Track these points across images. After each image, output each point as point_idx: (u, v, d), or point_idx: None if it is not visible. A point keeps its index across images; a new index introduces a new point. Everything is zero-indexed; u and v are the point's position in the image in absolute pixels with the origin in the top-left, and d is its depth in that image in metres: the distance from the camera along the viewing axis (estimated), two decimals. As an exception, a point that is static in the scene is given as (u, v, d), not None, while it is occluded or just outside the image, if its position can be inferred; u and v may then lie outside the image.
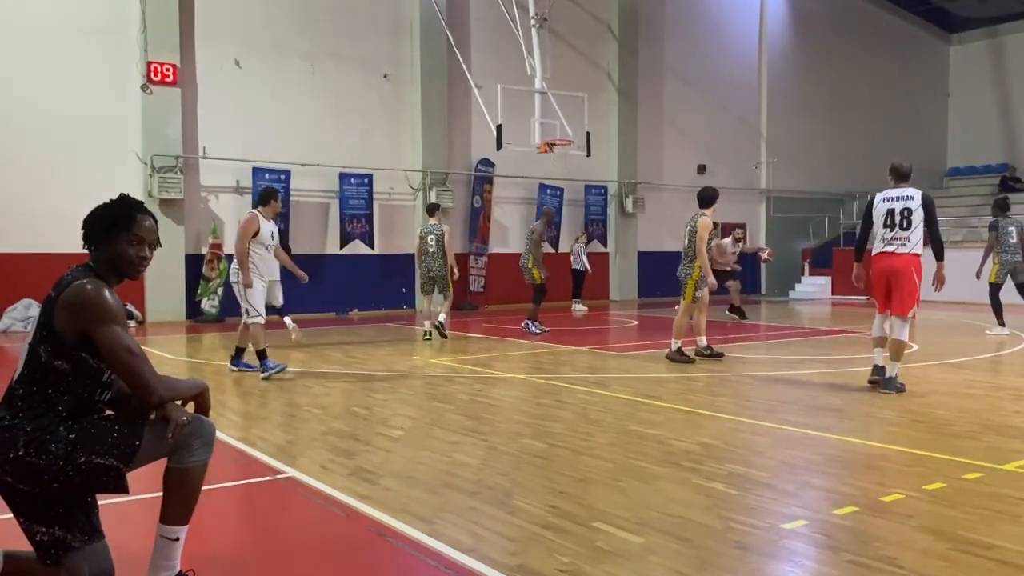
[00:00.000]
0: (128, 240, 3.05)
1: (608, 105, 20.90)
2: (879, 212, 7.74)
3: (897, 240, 7.56)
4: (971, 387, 8.04)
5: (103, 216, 3.07)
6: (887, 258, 7.57)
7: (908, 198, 7.61)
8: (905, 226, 7.53)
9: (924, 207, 7.57)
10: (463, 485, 4.71)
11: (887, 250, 7.60)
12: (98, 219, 3.07)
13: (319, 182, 17.06)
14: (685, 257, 9.97)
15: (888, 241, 7.59)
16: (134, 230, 3.06)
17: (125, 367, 2.86)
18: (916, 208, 7.55)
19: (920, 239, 7.58)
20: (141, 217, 3.10)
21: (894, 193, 7.70)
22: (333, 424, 6.47)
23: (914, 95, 27.51)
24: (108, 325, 2.85)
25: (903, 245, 7.54)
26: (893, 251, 7.55)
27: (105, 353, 2.86)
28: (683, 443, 5.70)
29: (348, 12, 17.41)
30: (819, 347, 11.58)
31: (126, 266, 3.07)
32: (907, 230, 7.53)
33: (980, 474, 4.86)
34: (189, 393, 3.12)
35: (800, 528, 4.00)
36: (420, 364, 9.92)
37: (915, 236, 7.54)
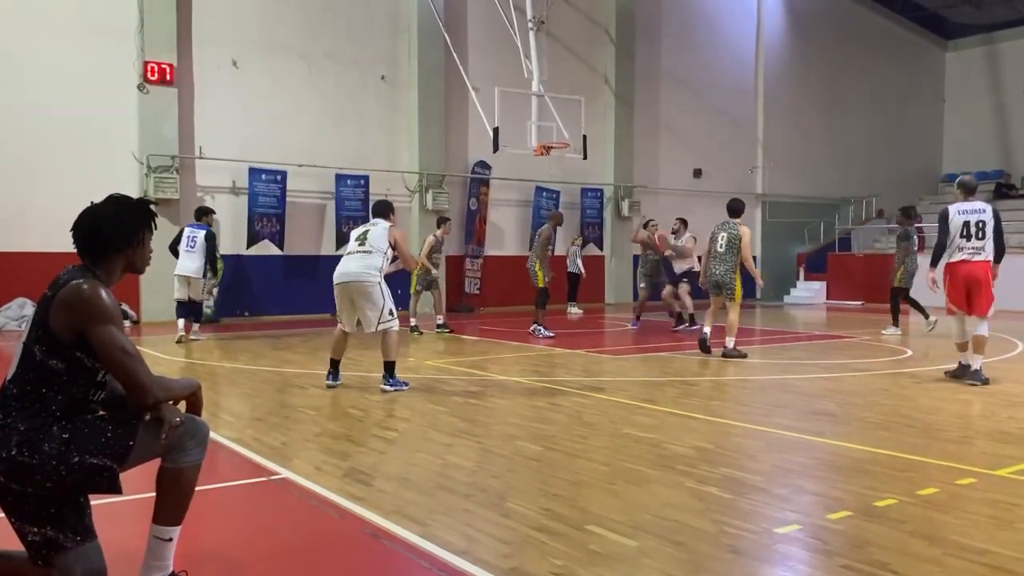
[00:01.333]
0: (149, 239, 3.10)
1: (605, 108, 20.93)
2: (955, 224, 8.47)
3: (975, 249, 8.39)
4: (963, 392, 8.06)
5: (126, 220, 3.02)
6: (966, 266, 8.36)
7: (981, 211, 8.41)
8: (980, 236, 8.36)
9: (994, 219, 8.41)
10: (457, 487, 4.71)
11: (966, 259, 8.39)
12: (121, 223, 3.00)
13: (315, 183, 17.05)
14: (724, 262, 10.62)
15: (967, 250, 8.40)
16: (153, 228, 3.09)
17: (120, 367, 2.86)
18: (988, 220, 8.38)
19: (992, 247, 8.40)
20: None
21: (968, 207, 8.46)
22: (327, 425, 6.47)
23: (910, 101, 27.59)
24: (104, 325, 2.84)
25: (979, 253, 8.37)
26: (972, 259, 8.37)
27: (101, 353, 2.86)
28: (677, 447, 5.71)
29: (345, 13, 17.41)
30: (814, 352, 11.59)
31: (145, 263, 3.12)
32: (982, 240, 8.36)
33: (973, 480, 4.88)
34: (183, 393, 3.12)
35: (794, 532, 4.00)
36: (415, 366, 9.92)
37: (988, 245, 8.41)
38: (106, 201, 3.09)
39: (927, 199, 26.88)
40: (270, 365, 9.89)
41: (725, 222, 10.84)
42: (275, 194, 16.35)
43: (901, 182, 26.42)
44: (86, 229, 3.01)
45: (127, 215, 3.05)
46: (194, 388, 3.16)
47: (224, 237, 16.08)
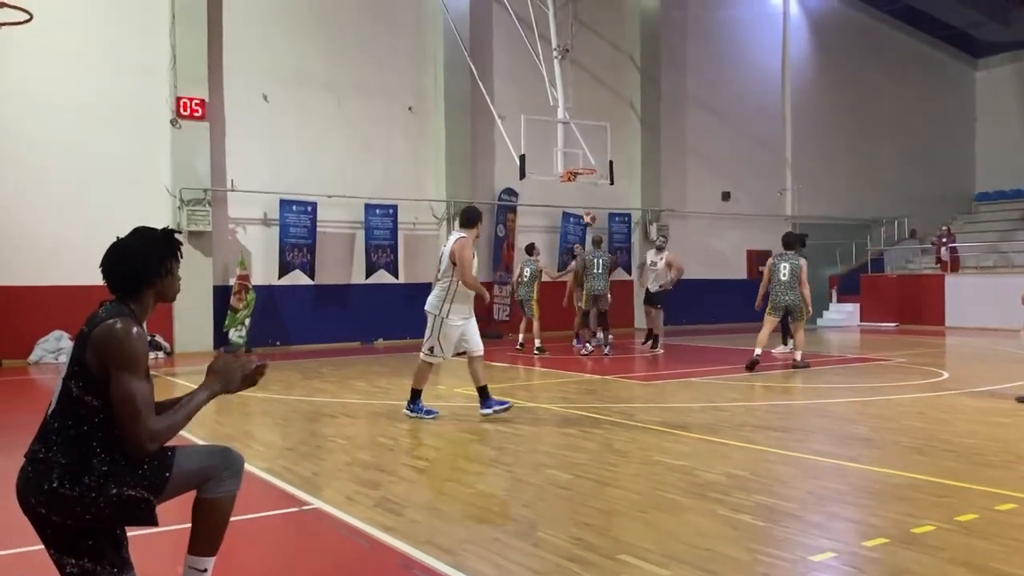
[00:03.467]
0: (177, 268, 3.14)
1: (631, 134, 20.97)
2: None
3: None
4: (1002, 415, 7.91)
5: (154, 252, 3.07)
6: None
7: None
8: None
9: None
10: (487, 517, 4.70)
11: None
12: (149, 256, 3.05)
13: (345, 213, 17.23)
14: (791, 289, 11.79)
15: None
16: (179, 257, 3.14)
17: (124, 416, 2.86)
18: None
19: None
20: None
21: None
22: (358, 455, 6.49)
23: (940, 120, 27.32)
24: (122, 371, 2.86)
25: None
26: None
27: (112, 396, 2.87)
28: (710, 474, 5.65)
29: (372, 45, 17.67)
30: (847, 375, 11.45)
31: (175, 292, 3.15)
32: None
33: (1014, 505, 4.77)
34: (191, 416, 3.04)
35: (829, 560, 3.94)
36: (445, 393, 9.93)
37: None
38: (131, 235, 3.13)
39: (960, 219, 26.55)
40: (301, 395, 9.96)
41: (782, 254, 12.08)
42: (306, 224, 16.54)
43: (933, 202, 26.12)
44: (115, 264, 3.05)
45: (154, 247, 3.09)
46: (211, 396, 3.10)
47: (256, 267, 16.31)
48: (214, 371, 3.11)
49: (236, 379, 3.13)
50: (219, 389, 3.11)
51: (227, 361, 3.14)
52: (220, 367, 3.11)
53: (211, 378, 3.10)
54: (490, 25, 19.08)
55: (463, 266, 7.89)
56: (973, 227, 25.87)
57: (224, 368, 3.12)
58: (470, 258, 7.99)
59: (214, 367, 3.12)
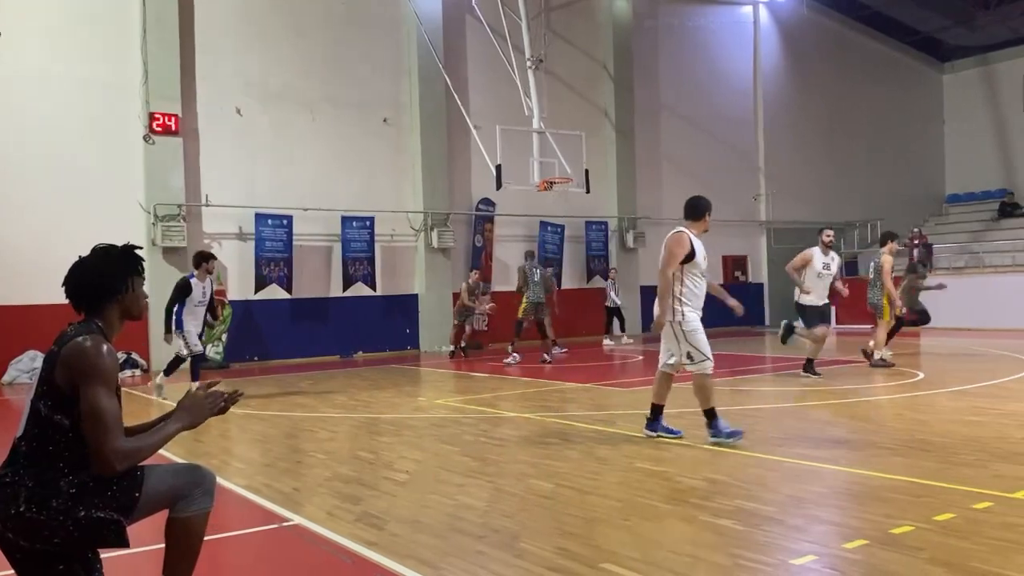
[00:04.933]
0: (141, 282, 3.13)
1: (606, 142, 21.08)
2: None
3: None
4: (977, 414, 8.00)
5: (113, 268, 3.06)
6: None
7: None
8: None
9: None
10: (470, 528, 4.68)
11: None
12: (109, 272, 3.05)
13: (321, 226, 17.17)
14: (872, 287, 12.71)
15: None
16: (141, 272, 3.12)
17: (93, 433, 2.83)
18: None
19: None
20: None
21: None
22: (339, 469, 6.45)
23: (910, 123, 27.70)
24: (94, 387, 2.83)
25: None
26: None
27: (82, 412, 2.84)
28: (690, 479, 5.67)
29: (346, 58, 17.65)
30: (824, 378, 11.53)
31: (141, 310, 3.14)
32: None
33: (990, 503, 4.82)
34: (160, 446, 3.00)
35: (810, 563, 3.96)
36: (425, 405, 9.90)
37: None
38: (92, 253, 3.12)
39: (932, 220, 26.89)
40: (280, 410, 9.89)
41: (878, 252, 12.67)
42: (282, 238, 16.46)
43: (905, 204, 26.44)
44: (76, 282, 3.05)
45: (114, 263, 3.08)
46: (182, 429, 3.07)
47: (232, 282, 16.21)
48: (183, 407, 3.12)
49: (204, 414, 3.14)
50: (188, 423, 3.10)
51: (196, 397, 3.14)
52: (188, 404, 3.12)
53: (180, 413, 3.10)
54: (463, 36, 19.13)
55: (665, 261, 7.31)
56: (944, 228, 26.22)
57: (192, 404, 3.13)
58: (679, 255, 7.31)
59: (183, 403, 3.14)
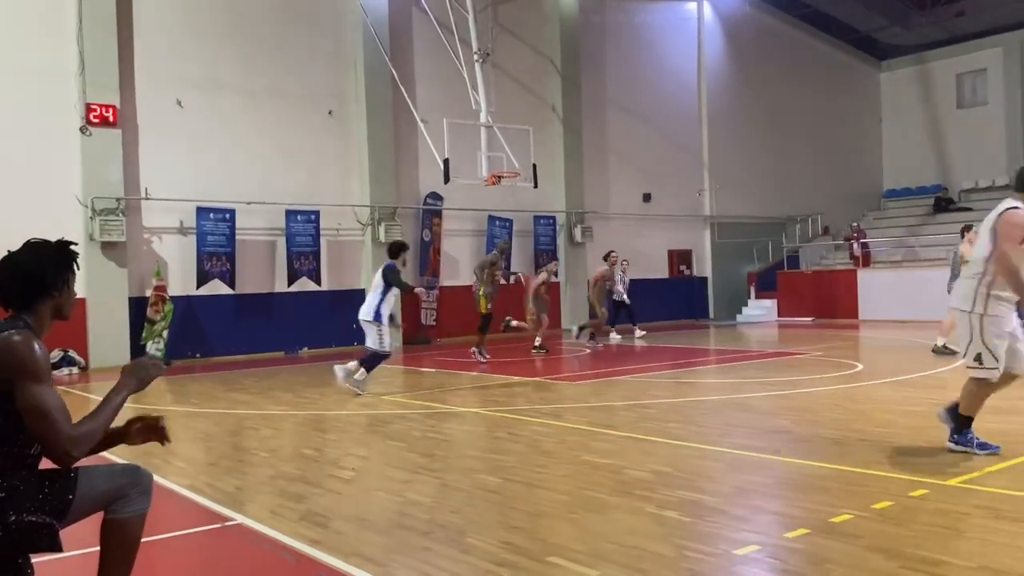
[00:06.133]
0: (73, 281, 3.02)
1: (553, 137, 21.13)
2: None
3: None
4: (914, 404, 8.22)
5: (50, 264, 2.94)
6: None
7: None
8: None
9: None
10: (416, 525, 4.65)
11: None
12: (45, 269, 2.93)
13: (265, 220, 16.90)
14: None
15: None
16: (76, 270, 3.01)
17: (42, 428, 2.74)
18: None
19: None
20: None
21: None
22: (282, 467, 6.36)
23: (849, 120, 28.34)
24: (30, 382, 2.74)
25: None
26: None
27: (23, 410, 2.75)
28: (636, 472, 5.71)
29: (290, 49, 17.38)
30: (767, 370, 11.73)
31: (71, 308, 3.03)
32: None
33: (925, 491, 4.95)
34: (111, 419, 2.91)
35: (753, 553, 4.02)
36: (372, 402, 9.82)
37: None
38: (25, 247, 2.99)
39: (870, 215, 27.57)
40: (223, 407, 9.71)
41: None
42: (224, 232, 16.16)
43: (845, 199, 27.07)
44: (9, 278, 2.91)
45: (49, 260, 2.96)
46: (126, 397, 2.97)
47: (173, 278, 15.86)
48: (127, 372, 3.01)
49: (150, 376, 3.04)
50: (135, 386, 3.00)
51: (140, 361, 3.07)
52: (132, 367, 3.03)
53: (125, 379, 2.99)
54: (410, 28, 18.99)
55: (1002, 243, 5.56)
56: (882, 223, 26.89)
57: (137, 366, 3.03)
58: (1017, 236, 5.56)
59: (127, 368, 3.04)
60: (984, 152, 26.62)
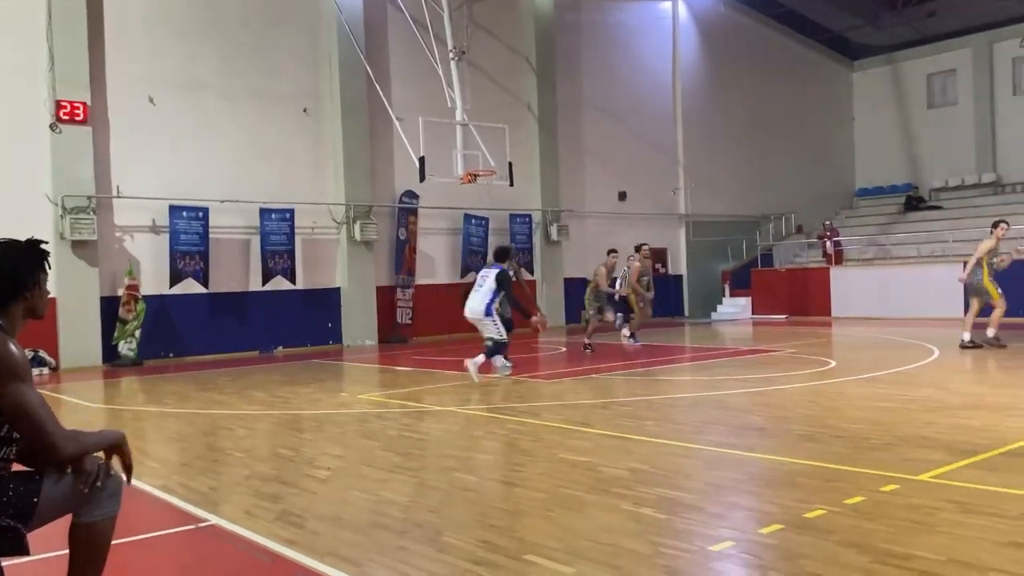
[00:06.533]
0: (45, 280, 2.99)
1: (529, 136, 21.15)
2: None
3: None
4: (885, 400, 8.31)
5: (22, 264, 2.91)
6: None
7: None
8: None
9: None
10: (392, 524, 4.64)
11: None
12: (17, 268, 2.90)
13: (239, 218, 16.77)
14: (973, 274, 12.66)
15: None
16: (47, 269, 2.98)
17: (29, 427, 2.73)
18: None
19: None
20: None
21: None
22: (257, 467, 6.31)
23: (822, 120, 28.62)
24: (13, 383, 2.72)
25: None
26: None
27: (8, 412, 2.73)
28: (612, 469, 5.73)
29: (264, 46, 17.26)
30: (742, 367, 11.82)
31: (45, 307, 3.00)
32: None
33: (897, 486, 5.02)
34: (100, 445, 2.99)
35: (728, 549, 4.05)
36: (348, 401, 9.77)
37: None
38: None
39: (843, 214, 27.86)
40: (197, 407, 9.63)
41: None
42: (197, 231, 16.01)
43: (818, 198, 27.32)
44: None
45: (21, 259, 2.93)
46: (115, 440, 3.03)
47: (146, 277, 15.71)
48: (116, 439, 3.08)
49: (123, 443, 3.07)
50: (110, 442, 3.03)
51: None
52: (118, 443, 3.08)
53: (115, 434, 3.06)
54: (385, 26, 18.92)
55: None
56: (854, 221, 27.18)
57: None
58: None
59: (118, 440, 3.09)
60: (954, 152, 27.00)
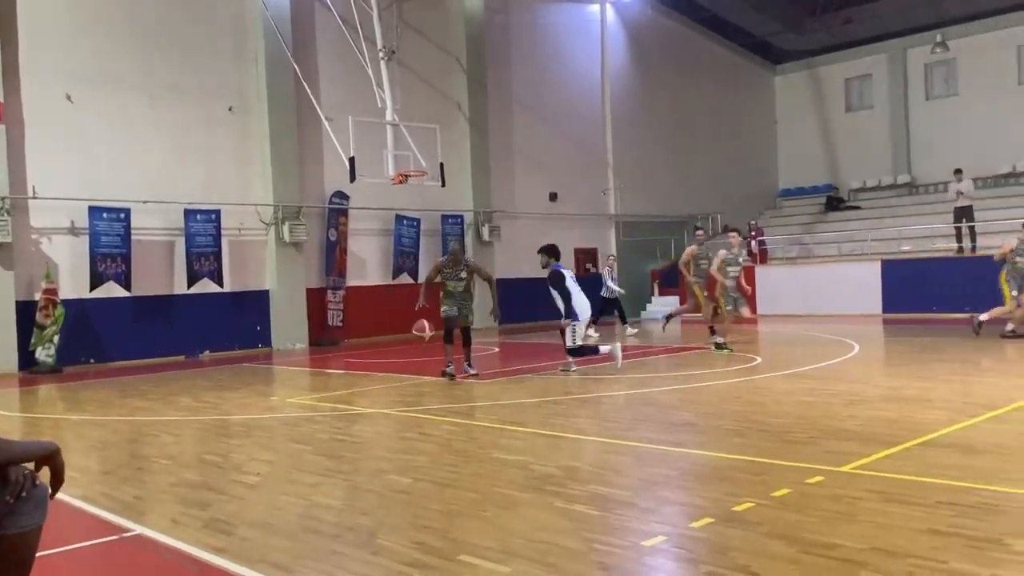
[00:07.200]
0: None
1: (461, 136, 21.13)
2: None
3: None
4: (809, 395, 8.56)
5: None
6: None
7: None
8: None
9: None
10: (324, 528, 4.57)
11: None
12: None
13: (162, 220, 16.32)
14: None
15: None
16: None
17: None
18: None
19: None
20: None
21: None
22: (184, 475, 6.16)
23: (746, 122, 29.32)
24: None
25: None
26: None
27: None
28: (546, 467, 5.77)
29: (187, 43, 16.83)
30: (671, 364, 12.03)
31: None
32: None
33: (821, 478, 5.16)
34: (30, 456, 2.85)
35: (660, 544, 4.11)
36: (278, 405, 9.61)
37: None
38: None
39: (767, 214, 28.57)
40: (120, 414, 9.33)
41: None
42: (119, 233, 15.52)
43: (743, 199, 27.97)
44: None
45: None
46: (47, 451, 2.89)
47: (64, 280, 15.16)
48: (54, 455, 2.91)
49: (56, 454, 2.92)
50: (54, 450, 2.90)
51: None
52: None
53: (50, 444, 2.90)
54: (313, 25, 18.66)
55: None
56: (778, 222, 27.91)
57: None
58: None
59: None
60: (870, 153, 27.96)
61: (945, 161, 23.60)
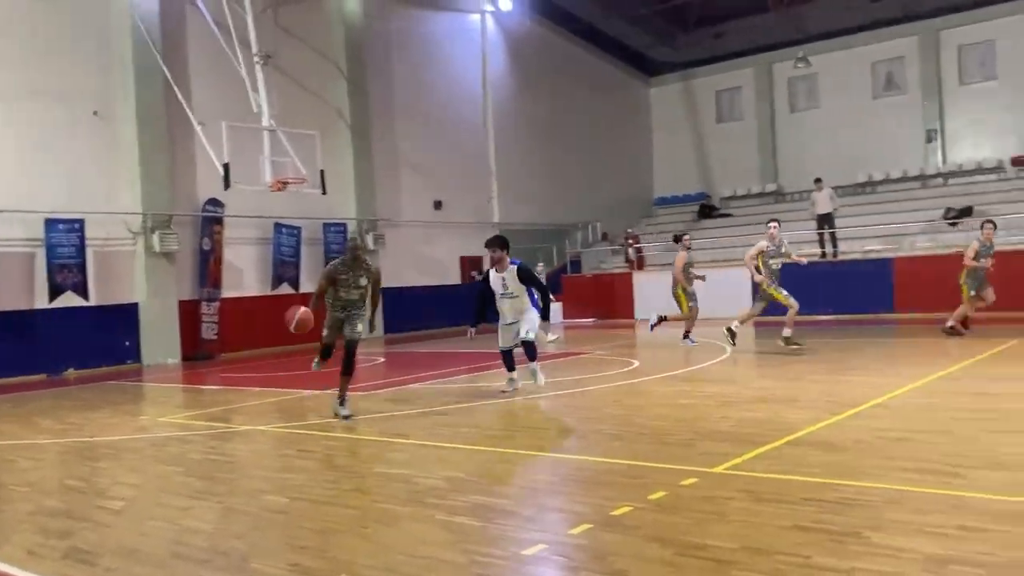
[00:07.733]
0: None
1: (342, 143, 20.80)
2: None
3: None
4: (685, 397, 8.83)
5: None
6: None
7: None
8: None
9: None
10: (194, 554, 4.39)
11: None
12: None
13: (20, 230, 15.33)
14: None
15: None
16: None
17: None
18: None
19: None
20: None
21: None
22: (43, 502, 5.79)
23: (622, 132, 30.11)
24: None
25: None
26: None
27: None
28: (428, 479, 5.72)
29: (47, 43, 15.88)
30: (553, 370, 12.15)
31: None
32: None
33: (695, 479, 5.32)
34: None
35: (540, 552, 4.14)
36: (147, 425, 9.17)
37: None
38: None
39: (643, 221, 29.41)
40: (-29, 439, 8.69)
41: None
42: (-30, 244, 14.50)
43: (620, 207, 28.69)
44: None
45: None
46: None
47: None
48: None
49: None
50: None
51: None
52: None
53: None
54: (184, 27, 17.96)
55: None
56: (654, 228, 28.74)
57: None
58: None
59: None
60: (740, 163, 29.18)
61: (809, 170, 24.87)
